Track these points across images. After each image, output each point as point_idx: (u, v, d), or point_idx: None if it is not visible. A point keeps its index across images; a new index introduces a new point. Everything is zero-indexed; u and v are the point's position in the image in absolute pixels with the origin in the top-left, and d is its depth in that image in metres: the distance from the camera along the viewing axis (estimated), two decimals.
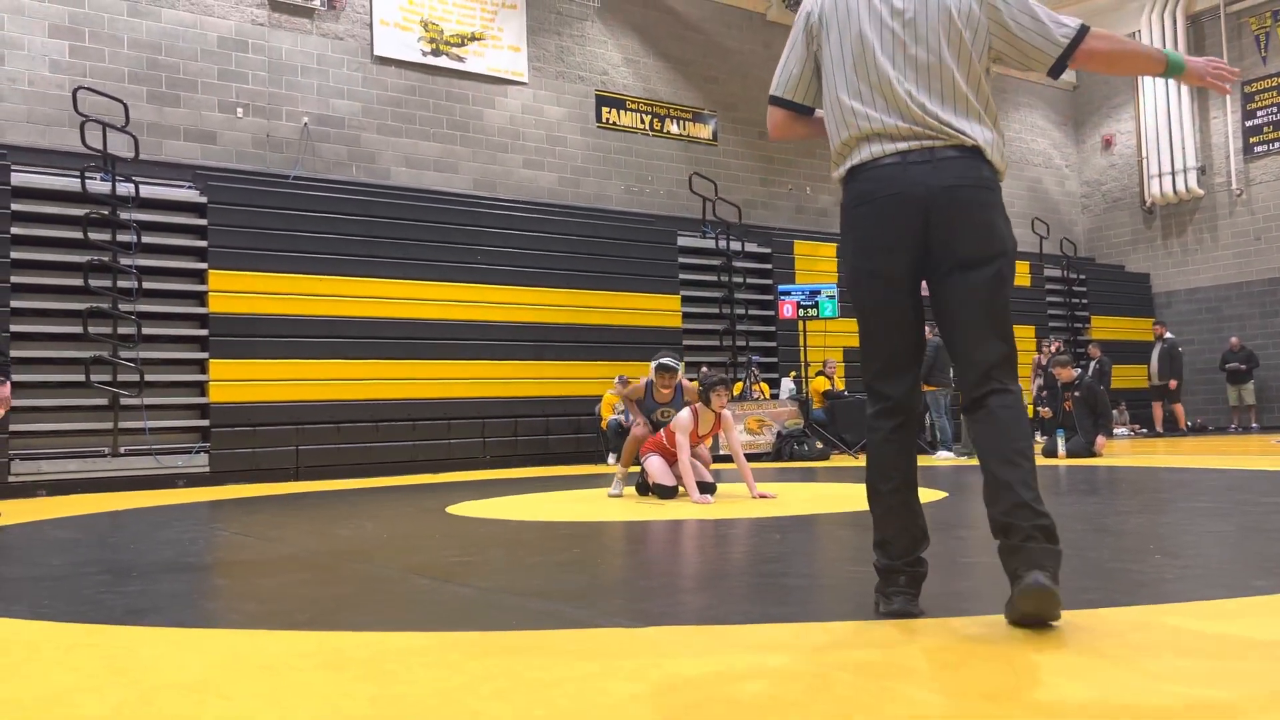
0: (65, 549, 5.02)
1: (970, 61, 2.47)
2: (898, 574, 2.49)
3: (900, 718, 1.65)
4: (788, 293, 13.30)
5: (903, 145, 2.44)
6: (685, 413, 6.60)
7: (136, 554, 4.49)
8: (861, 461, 10.66)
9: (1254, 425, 17.32)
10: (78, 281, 10.04)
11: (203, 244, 10.83)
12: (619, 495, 6.92)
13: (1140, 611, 2.45)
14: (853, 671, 1.96)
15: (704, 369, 7.18)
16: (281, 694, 1.96)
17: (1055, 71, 2.51)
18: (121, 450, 10.12)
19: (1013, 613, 2.27)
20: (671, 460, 6.57)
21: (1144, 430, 17.24)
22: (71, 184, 10.16)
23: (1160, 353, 16.68)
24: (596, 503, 6.55)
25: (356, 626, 2.62)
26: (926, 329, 10.10)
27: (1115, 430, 15.40)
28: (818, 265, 15.39)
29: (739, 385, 13.46)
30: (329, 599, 3.11)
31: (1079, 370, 10.84)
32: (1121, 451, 11.17)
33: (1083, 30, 2.46)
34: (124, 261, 10.29)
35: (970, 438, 2.52)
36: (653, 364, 7.26)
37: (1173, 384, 16.58)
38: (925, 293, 2.56)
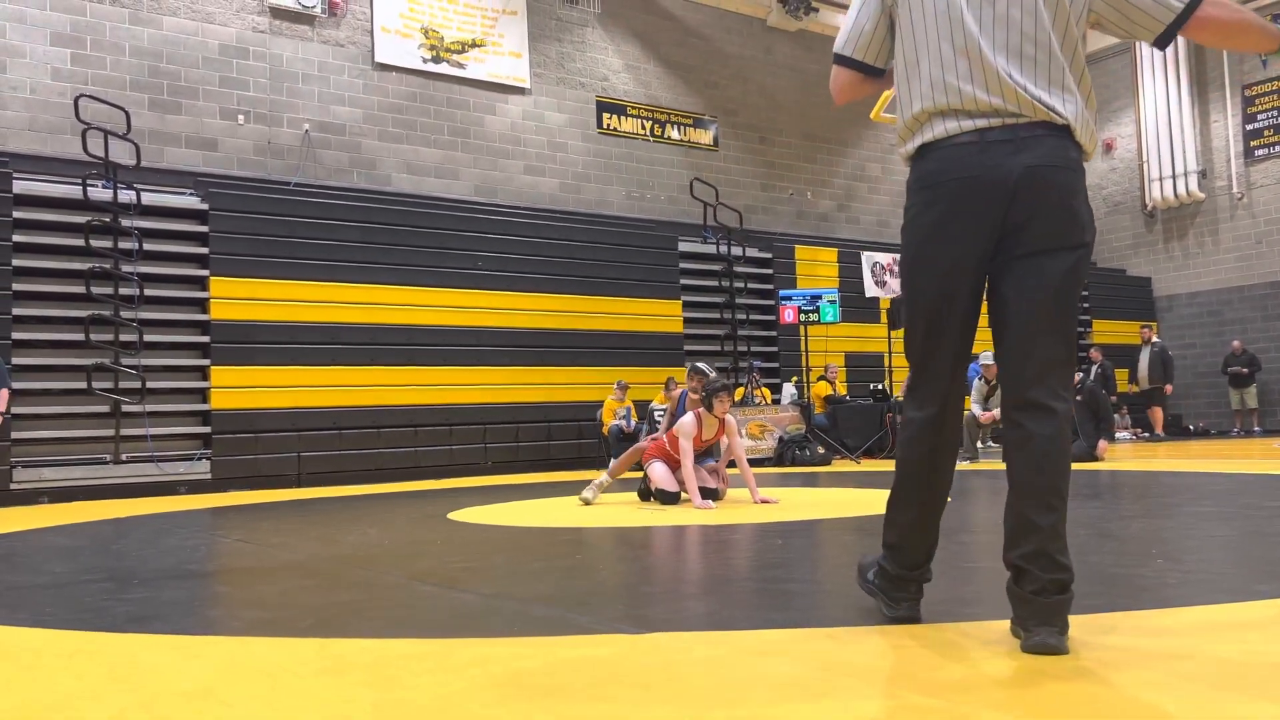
0: (67, 556, 5.02)
1: (1068, 24, 2.20)
2: (908, 583, 2.43)
3: None
4: (789, 298, 13.30)
5: (982, 122, 2.19)
6: (688, 418, 6.59)
7: (139, 561, 4.49)
8: (863, 467, 10.64)
9: (1256, 429, 17.30)
10: (79, 289, 10.06)
11: (204, 251, 10.85)
12: (590, 502, 6.77)
13: (1143, 616, 2.45)
14: (857, 677, 1.95)
15: (704, 371, 7.17)
16: (283, 701, 1.95)
17: (1163, 41, 2.26)
18: (123, 457, 10.12)
19: (1025, 647, 2.12)
20: (675, 466, 6.56)
21: (1145, 434, 17.22)
22: (73, 191, 10.19)
23: (1151, 356, 16.54)
24: (599, 509, 6.55)
25: (359, 633, 2.62)
26: None
27: (1117, 434, 15.39)
28: (819, 270, 15.40)
29: (740, 391, 13.45)
30: (331, 606, 3.11)
31: (1081, 374, 10.83)
32: (1123, 455, 11.16)
33: (1192, 4, 2.21)
34: (125, 268, 10.31)
35: (1004, 455, 2.24)
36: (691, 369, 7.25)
37: (1168, 389, 16.54)
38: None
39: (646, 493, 6.86)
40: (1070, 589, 2.11)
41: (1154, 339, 16.60)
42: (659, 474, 6.66)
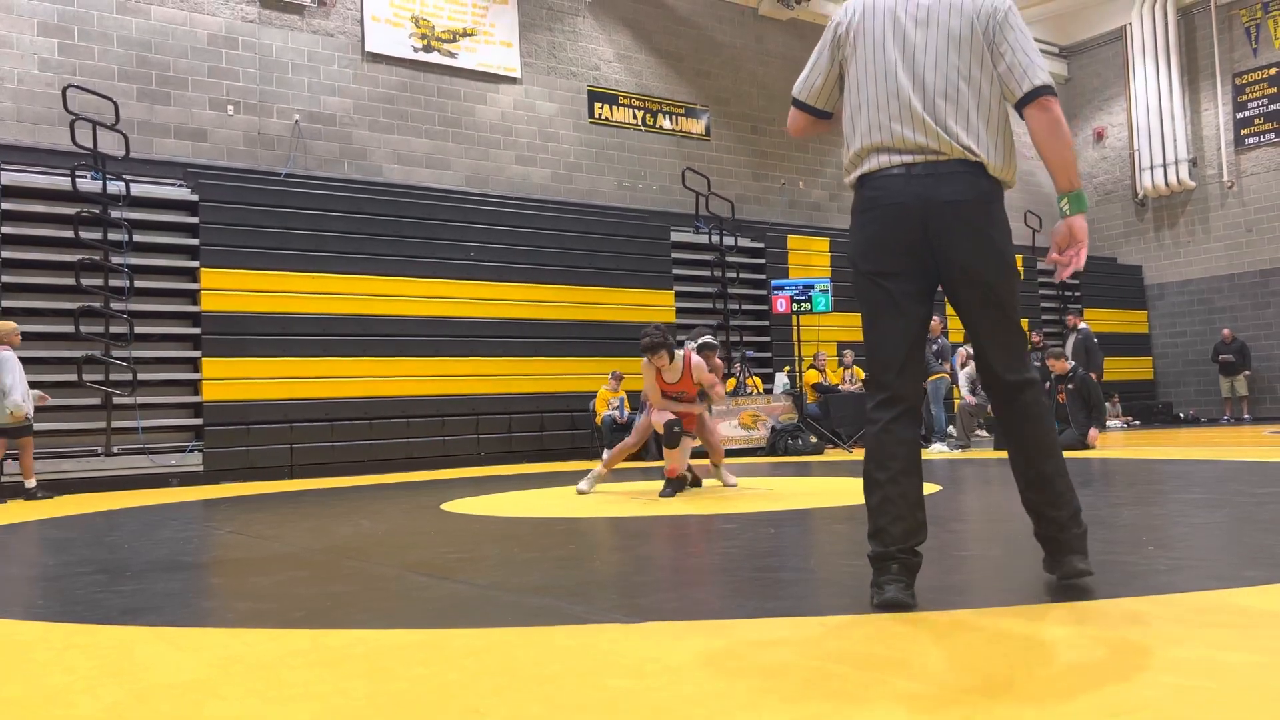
0: (59, 549, 5.01)
1: (979, 80, 2.61)
2: (890, 561, 2.52)
3: (896, 712, 1.65)
4: (781, 287, 13.31)
5: (909, 157, 2.59)
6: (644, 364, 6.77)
7: (131, 553, 4.48)
8: (856, 456, 10.66)
9: (1246, 416, 17.39)
10: (69, 280, 10.01)
11: (194, 242, 10.80)
12: (587, 492, 6.83)
13: (1133, 603, 2.46)
14: (849, 665, 1.96)
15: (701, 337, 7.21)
16: (277, 693, 1.96)
17: (1019, 109, 2.66)
18: (115, 450, 10.10)
19: (1059, 575, 2.67)
20: (686, 423, 6.76)
21: (1136, 422, 17.30)
22: (62, 183, 10.13)
23: (1075, 344, 15.84)
24: (591, 499, 6.55)
25: (352, 624, 2.62)
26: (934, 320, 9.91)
27: (1108, 422, 15.44)
28: (811, 259, 15.41)
29: (732, 381, 13.47)
30: (324, 597, 3.11)
31: (1072, 363, 10.87)
32: (1114, 443, 11.21)
33: (1040, 89, 2.59)
34: (115, 260, 10.26)
35: (1000, 431, 2.77)
36: (694, 343, 7.10)
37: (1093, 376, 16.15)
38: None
39: (672, 483, 6.60)
40: (1081, 520, 2.63)
41: (1080, 325, 16.23)
42: (660, 417, 6.75)
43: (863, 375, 14.08)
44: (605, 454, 11.55)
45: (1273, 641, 2.04)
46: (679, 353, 6.74)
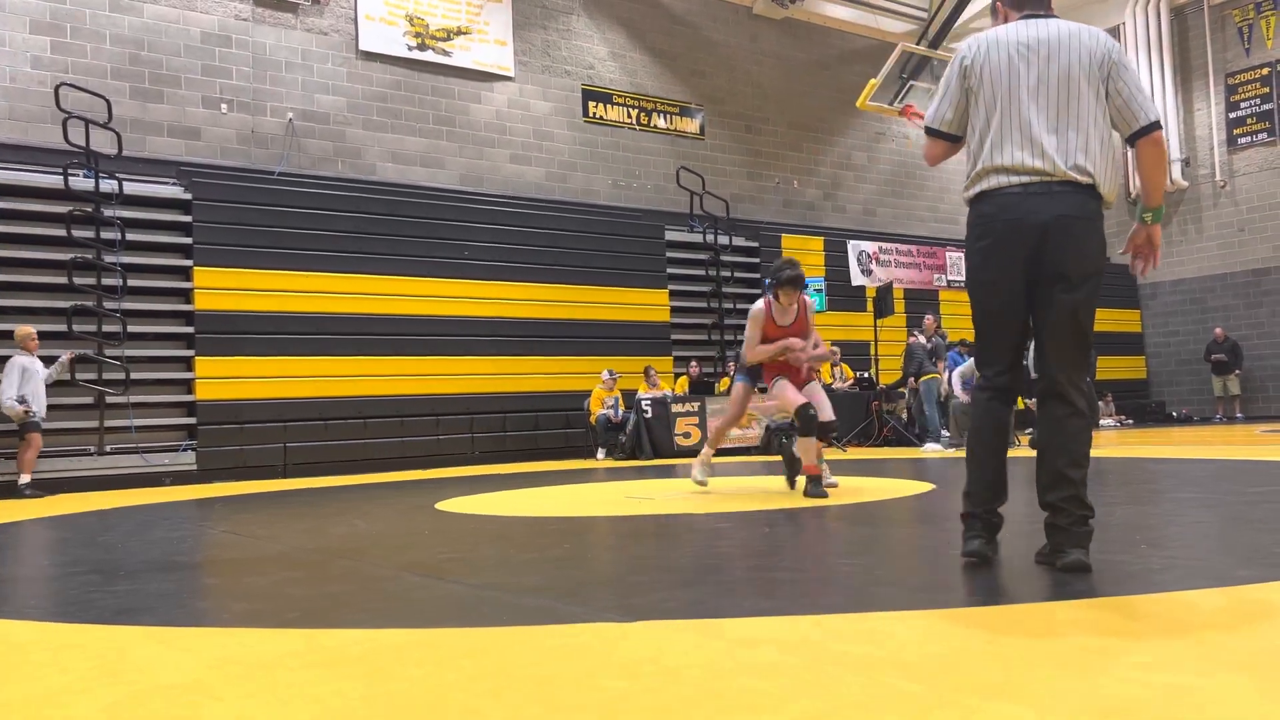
0: (53, 549, 5.00)
1: (1093, 111, 2.97)
2: (975, 520, 3.07)
3: (889, 711, 1.66)
4: None
5: (1025, 179, 2.95)
6: (757, 304, 6.02)
7: (125, 553, 4.47)
8: (850, 455, 10.68)
9: (1239, 415, 17.45)
10: (62, 279, 9.99)
11: (188, 241, 10.78)
12: (705, 484, 6.34)
13: (1127, 601, 2.47)
14: (843, 665, 1.97)
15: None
16: (274, 694, 1.95)
17: (1130, 142, 3.03)
18: (108, 449, 10.07)
19: (1061, 565, 2.91)
20: (792, 377, 5.99)
21: (1129, 420, 17.35)
22: (54, 181, 10.10)
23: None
24: (586, 498, 6.55)
25: (348, 624, 2.62)
26: (915, 333, 9.97)
27: (1101, 421, 15.49)
28: (805, 259, 15.40)
29: (726, 380, 13.48)
30: (320, 597, 3.11)
31: None
32: (1107, 442, 11.24)
33: (1154, 125, 2.99)
34: (108, 259, 10.24)
35: (1037, 429, 3.13)
36: (769, 280, 6.12)
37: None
38: None
39: (792, 463, 6.08)
40: (1091, 523, 2.91)
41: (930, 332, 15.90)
42: (787, 391, 5.92)
43: (852, 374, 14.17)
44: (601, 453, 11.45)
45: (1265, 641, 2.05)
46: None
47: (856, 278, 15.27)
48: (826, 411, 6.00)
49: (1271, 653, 1.95)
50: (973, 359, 11.43)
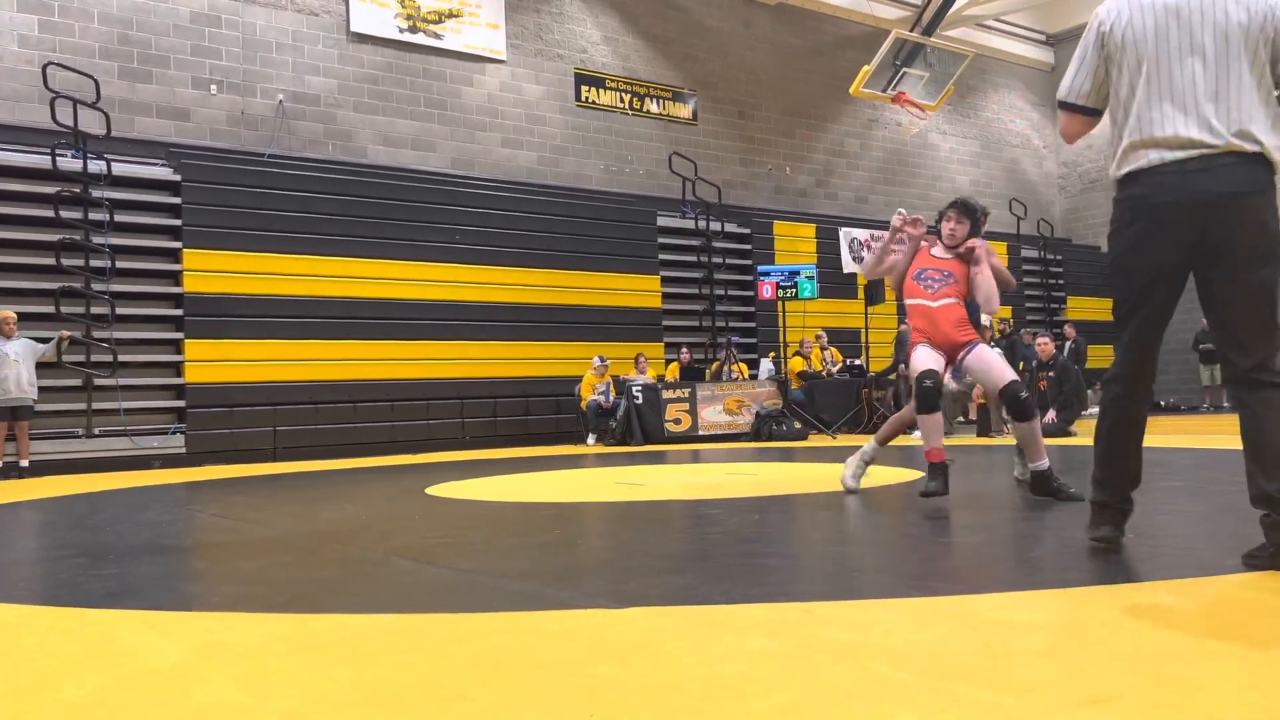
0: (41, 531, 4.99)
1: (1254, 74, 2.67)
2: (1108, 508, 2.94)
3: (876, 698, 1.67)
4: (767, 273, 13.32)
5: (1182, 154, 2.65)
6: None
7: (114, 536, 4.46)
8: (840, 441, 10.66)
9: (1225, 405, 17.53)
10: (49, 260, 9.92)
11: (177, 223, 10.72)
12: (855, 488, 5.03)
13: (1113, 591, 2.49)
14: (830, 652, 1.98)
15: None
16: (262, 679, 1.95)
17: None
18: (96, 431, 10.03)
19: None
20: (946, 349, 4.68)
21: None
22: (42, 161, 10.02)
23: (1069, 351, 14.75)
24: (576, 483, 6.56)
25: (337, 609, 2.62)
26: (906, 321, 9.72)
27: (1089, 409, 15.56)
28: (797, 246, 15.42)
29: (716, 364, 13.50)
30: (309, 581, 3.11)
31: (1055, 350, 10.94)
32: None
33: None
34: (97, 240, 10.17)
35: (1243, 416, 2.77)
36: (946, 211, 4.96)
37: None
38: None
39: (937, 469, 4.49)
40: None
41: (1075, 335, 16.17)
42: (921, 357, 4.63)
43: (841, 358, 14.16)
44: (591, 438, 11.44)
45: (1249, 630, 2.07)
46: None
47: (848, 265, 15.27)
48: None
49: (1255, 642, 1.97)
50: None
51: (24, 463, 9.14)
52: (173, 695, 1.85)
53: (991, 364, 4.66)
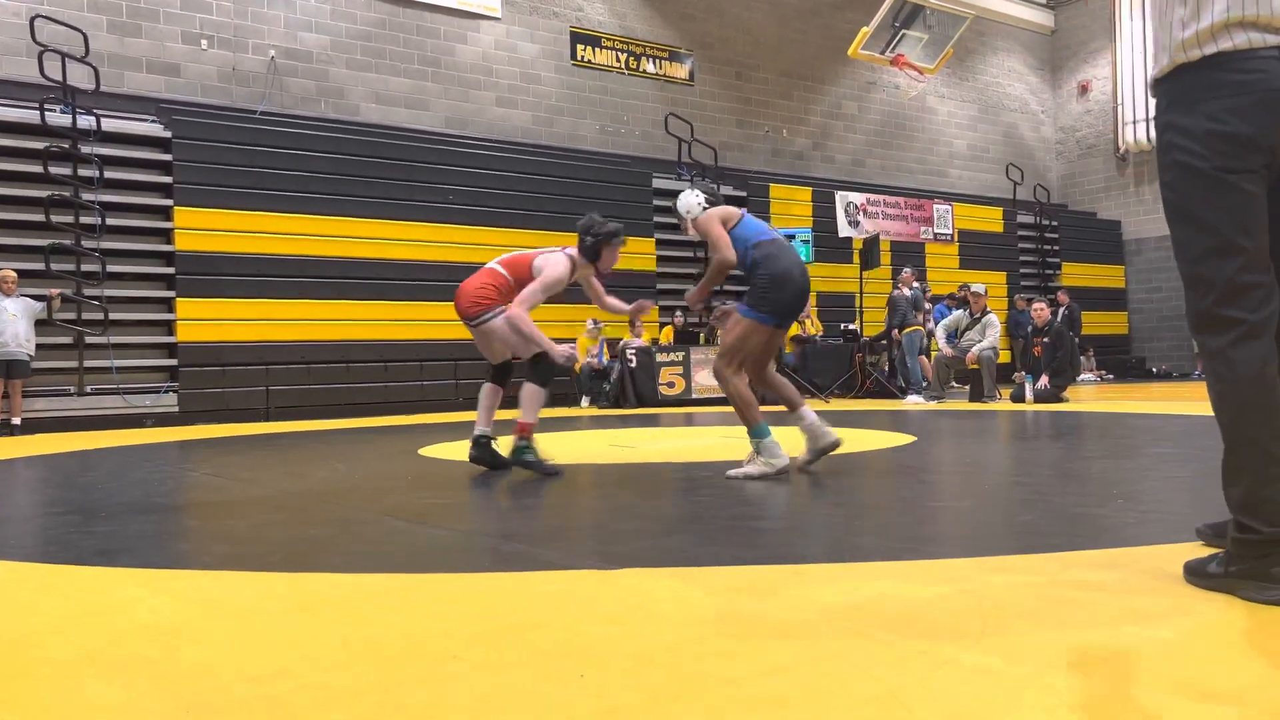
0: (33, 489, 4.98)
1: None
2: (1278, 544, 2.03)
3: (866, 660, 1.67)
4: None
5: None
6: (559, 258, 5.22)
7: (106, 494, 4.46)
8: (833, 406, 10.67)
9: None
10: (39, 217, 9.83)
11: (168, 180, 10.61)
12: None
13: (1102, 555, 2.50)
14: (821, 614, 1.99)
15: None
16: (253, 637, 1.96)
17: None
18: (88, 389, 10.01)
19: None
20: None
21: (1110, 376, 17.48)
22: (30, 116, 9.90)
23: (1063, 318, 14.38)
24: (570, 446, 6.57)
25: (329, 568, 2.62)
26: (899, 285, 9.60)
27: (1082, 376, 15.61)
28: (793, 209, 15.34)
29: (711, 326, 13.46)
30: (301, 541, 3.11)
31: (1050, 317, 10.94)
32: (1087, 397, 11.34)
33: None
34: (86, 197, 10.07)
35: None
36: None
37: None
38: None
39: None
40: None
41: (1070, 302, 16.13)
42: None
43: (821, 327, 14.14)
44: (585, 400, 11.45)
45: (1234, 598, 2.08)
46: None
47: (844, 229, 15.21)
48: None
49: (1242, 608, 1.98)
50: (958, 311, 11.43)
51: (16, 420, 9.14)
52: (163, 654, 1.85)
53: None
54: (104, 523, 3.58)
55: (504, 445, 5.07)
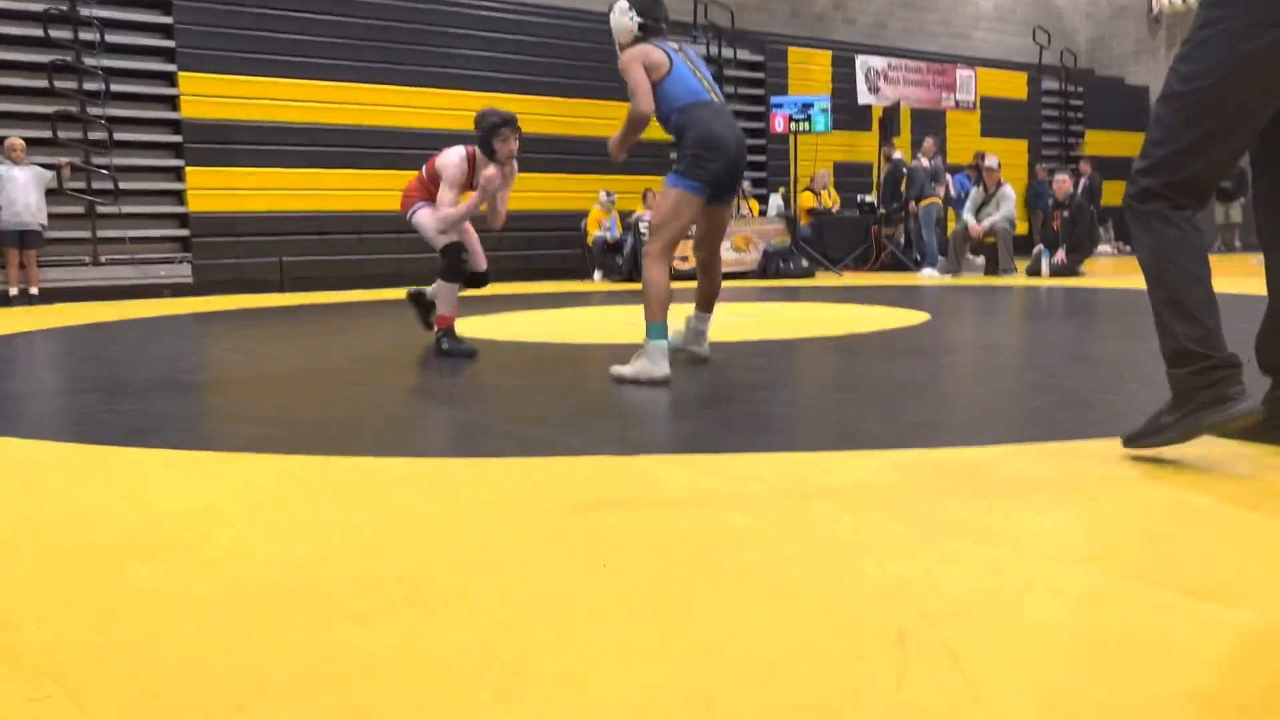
0: (57, 363, 5.08)
1: None
2: (1236, 367, 2.28)
3: (874, 551, 1.74)
4: (780, 105, 12.93)
5: None
6: (453, 156, 5.35)
7: (129, 370, 4.54)
8: (846, 280, 10.63)
9: (1237, 244, 17.40)
10: (42, 83, 9.65)
11: (170, 44, 10.35)
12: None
13: (1112, 444, 2.54)
14: (832, 504, 2.05)
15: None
16: (286, 522, 2.04)
17: None
18: (102, 259, 10.04)
19: None
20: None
21: (1129, 248, 17.29)
22: None
23: (1083, 189, 13.89)
24: (583, 323, 6.60)
25: (355, 451, 2.69)
26: (898, 152, 9.46)
27: (1100, 248, 15.46)
28: (811, 74, 14.91)
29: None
30: (326, 422, 3.19)
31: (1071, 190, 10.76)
32: (1104, 270, 11.26)
33: None
34: (89, 62, 9.85)
35: None
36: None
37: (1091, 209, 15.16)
38: None
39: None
40: None
41: (1091, 172, 15.75)
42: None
43: (839, 199, 13.90)
44: (598, 274, 11.42)
45: (1235, 487, 2.12)
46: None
47: (863, 96, 14.80)
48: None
49: (1240, 500, 2.03)
50: (975, 189, 11.23)
51: (34, 290, 9.22)
52: (201, 538, 1.93)
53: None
54: (131, 401, 3.66)
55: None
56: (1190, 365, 2.26)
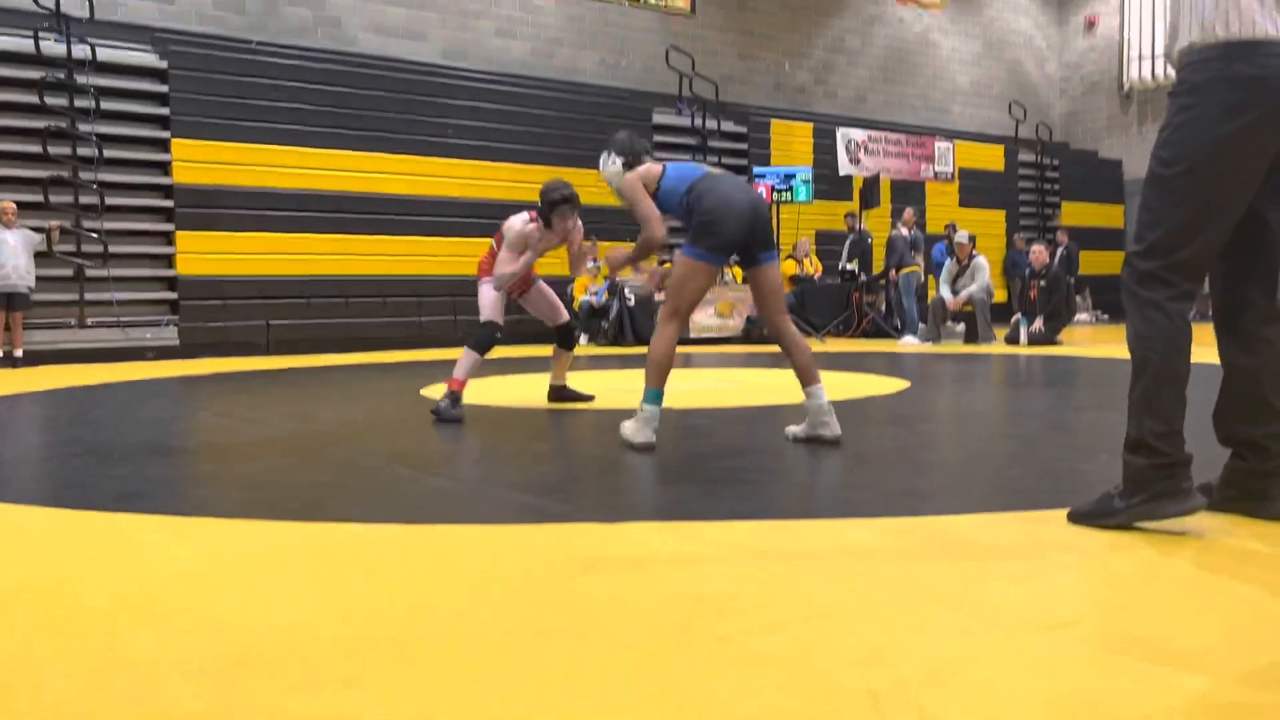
0: (44, 427, 5.09)
1: None
2: (1189, 464, 2.38)
3: (854, 617, 1.79)
4: (763, 176, 13.21)
5: None
6: (520, 222, 5.43)
7: (116, 434, 4.56)
8: (829, 347, 10.74)
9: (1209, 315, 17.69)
10: (36, 148, 9.78)
11: (165, 111, 10.53)
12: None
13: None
14: (813, 572, 2.10)
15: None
16: (277, 587, 2.07)
17: None
18: (89, 322, 10.07)
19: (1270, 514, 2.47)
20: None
21: (1105, 316, 17.57)
22: (24, 44, 9.78)
23: (1060, 257, 14.86)
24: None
25: (344, 517, 2.73)
26: (898, 224, 9.65)
27: (1078, 316, 15.71)
28: (794, 146, 15.24)
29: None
30: (315, 487, 3.22)
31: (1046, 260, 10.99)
32: (1082, 339, 11.44)
33: None
34: (83, 128, 10.00)
35: (1250, 353, 2.56)
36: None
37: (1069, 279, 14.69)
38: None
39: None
40: None
41: (1068, 241, 16.14)
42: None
43: (820, 266, 14.15)
44: (584, 338, 11.44)
45: (1199, 553, 2.19)
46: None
47: (844, 167, 15.13)
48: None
49: (1206, 567, 2.09)
50: (949, 260, 11.44)
51: (18, 352, 9.22)
52: (193, 603, 1.97)
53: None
54: (119, 465, 3.68)
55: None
56: (1149, 459, 2.36)
